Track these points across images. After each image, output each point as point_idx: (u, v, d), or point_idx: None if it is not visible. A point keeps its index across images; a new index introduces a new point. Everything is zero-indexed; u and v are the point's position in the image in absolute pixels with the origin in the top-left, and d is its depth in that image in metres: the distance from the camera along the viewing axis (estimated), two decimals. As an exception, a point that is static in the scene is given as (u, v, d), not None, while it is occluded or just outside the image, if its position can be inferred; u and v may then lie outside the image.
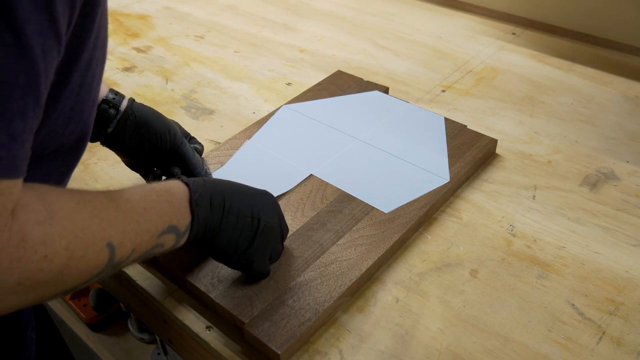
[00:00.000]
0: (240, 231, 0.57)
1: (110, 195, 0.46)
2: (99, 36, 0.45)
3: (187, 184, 0.54)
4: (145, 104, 0.72)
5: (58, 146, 0.48)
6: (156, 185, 0.52)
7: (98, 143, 0.69)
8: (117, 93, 0.68)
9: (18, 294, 0.38)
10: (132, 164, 0.72)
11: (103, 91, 0.67)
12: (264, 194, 0.62)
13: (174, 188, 0.53)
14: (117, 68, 1.07)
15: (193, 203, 0.53)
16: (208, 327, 0.61)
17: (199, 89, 1.01)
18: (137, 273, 0.67)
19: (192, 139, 0.76)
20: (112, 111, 0.66)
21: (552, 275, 0.66)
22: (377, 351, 0.58)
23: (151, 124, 0.68)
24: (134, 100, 0.69)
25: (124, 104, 0.68)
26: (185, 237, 0.53)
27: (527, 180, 0.79)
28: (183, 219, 0.52)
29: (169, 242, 0.51)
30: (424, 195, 0.73)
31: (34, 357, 0.62)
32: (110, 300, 1.35)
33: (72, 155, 0.51)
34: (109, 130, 0.67)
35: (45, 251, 0.38)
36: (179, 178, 0.56)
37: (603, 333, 0.60)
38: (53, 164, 0.49)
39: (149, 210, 0.49)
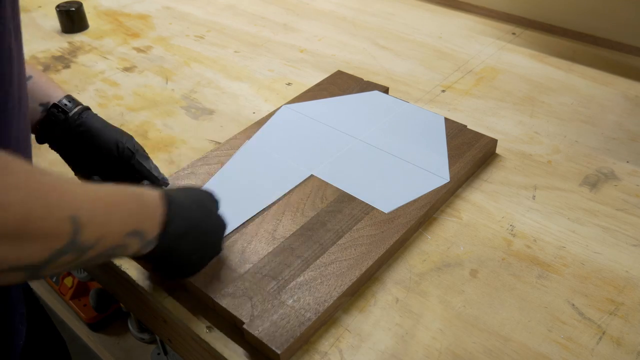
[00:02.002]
0: (193, 256, 0.60)
1: (79, 180, 0.45)
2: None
3: (166, 200, 0.54)
4: (145, 104, 0.72)
5: None
6: (131, 188, 0.51)
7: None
8: (72, 100, 0.69)
9: None
10: (79, 174, 0.72)
11: (57, 96, 0.69)
12: (219, 218, 0.63)
13: (148, 197, 0.52)
14: (117, 68, 1.07)
15: (164, 226, 0.53)
16: (208, 327, 0.61)
17: (199, 89, 1.01)
18: (137, 273, 0.67)
19: (143, 157, 0.73)
20: (60, 116, 0.68)
21: (552, 275, 0.66)
22: (377, 351, 0.58)
23: (98, 135, 0.69)
24: (88, 109, 0.70)
25: (75, 111, 0.69)
26: (149, 249, 0.53)
27: (527, 180, 0.79)
28: (152, 229, 0.52)
29: (133, 246, 0.50)
30: (424, 195, 0.73)
31: (25, 341, 0.62)
32: (110, 300, 1.35)
33: None
34: (56, 133, 0.68)
35: None
36: (160, 186, 0.55)
37: (603, 333, 0.60)
38: None
39: (119, 205, 0.48)
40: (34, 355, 0.69)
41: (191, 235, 0.57)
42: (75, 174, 0.72)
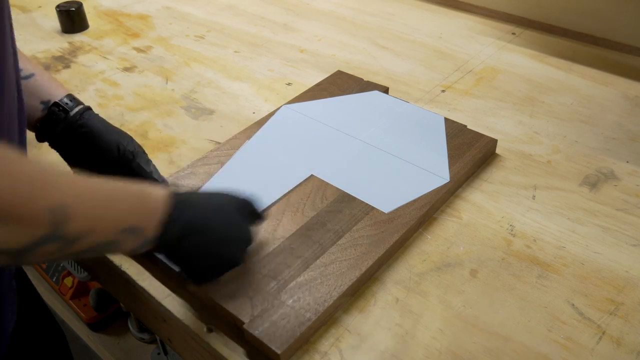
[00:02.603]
0: (198, 262, 0.58)
1: (76, 173, 0.45)
2: None
3: (172, 200, 0.53)
4: (145, 104, 0.72)
5: None
6: (135, 185, 0.50)
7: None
8: (73, 99, 0.69)
9: None
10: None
11: (59, 95, 0.69)
12: (239, 228, 0.60)
13: (152, 195, 0.52)
14: (117, 68, 1.07)
15: (163, 226, 0.52)
16: (208, 327, 0.61)
17: (199, 89, 1.01)
18: (137, 273, 0.67)
19: (144, 159, 0.71)
20: (61, 114, 0.68)
21: (552, 275, 0.66)
22: (377, 351, 0.58)
23: (99, 136, 0.68)
24: (89, 109, 0.70)
25: (76, 110, 0.69)
26: (147, 248, 0.52)
27: (527, 180, 0.79)
28: (151, 228, 0.51)
29: (129, 244, 0.50)
30: (424, 195, 0.73)
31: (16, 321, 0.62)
32: (110, 300, 1.35)
33: None
34: (56, 132, 0.68)
35: None
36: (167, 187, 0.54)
37: (603, 333, 0.60)
38: None
39: (117, 200, 0.47)
40: (27, 346, 0.69)
41: (196, 241, 0.55)
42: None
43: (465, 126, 0.85)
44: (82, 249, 0.45)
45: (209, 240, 0.57)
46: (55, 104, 0.68)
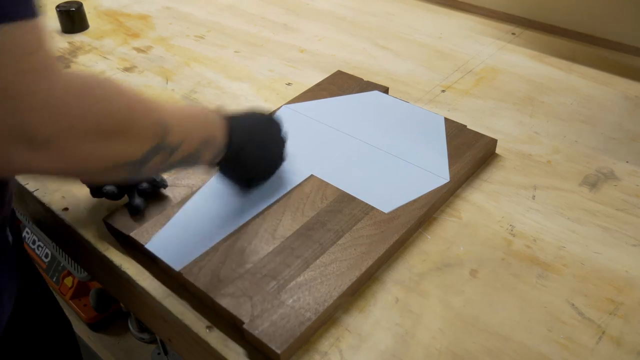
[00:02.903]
0: (259, 163, 0.70)
1: (159, 100, 0.53)
2: None
3: (225, 116, 0.63)
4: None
5: None
6: (197, 106, 0.61)
7: None
8: None
9: (94, 141, 0.43)
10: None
11: None
12: (278, 131, 0.73)
13: (211, 114, 0.61)
14: (117, 68, 1.07)
15: (228, 136, 0.62)
16: (208, 327, 0.61)
17: (199, 89, 1.01)
18: (137, 273, 0.67)
19: None
20: None
21: (552, 275, 0.66)
22: (377, 351, 0.58)
23: None
24: None
25: None
26: (219, 157, 0.62)
27: (527, 180, 0.79)
28: (219, 138, 0.60)
29: (207, 153, 0.59)
30: (424, 195, 0.73)
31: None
32: (110, 300, 1.35)
33: None
34: None
35: (109, 106, 0.44)
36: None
37: (603, 333, 0.60)
38: None
39: (193, 117, 0.57)
40: (27, 330, 0.69)
41: (253, 143, 0.66)
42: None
43: (465, 126, 0.85)
44: (178, 158, 0.54)
45: (264, 143, 0.69)
46: None
